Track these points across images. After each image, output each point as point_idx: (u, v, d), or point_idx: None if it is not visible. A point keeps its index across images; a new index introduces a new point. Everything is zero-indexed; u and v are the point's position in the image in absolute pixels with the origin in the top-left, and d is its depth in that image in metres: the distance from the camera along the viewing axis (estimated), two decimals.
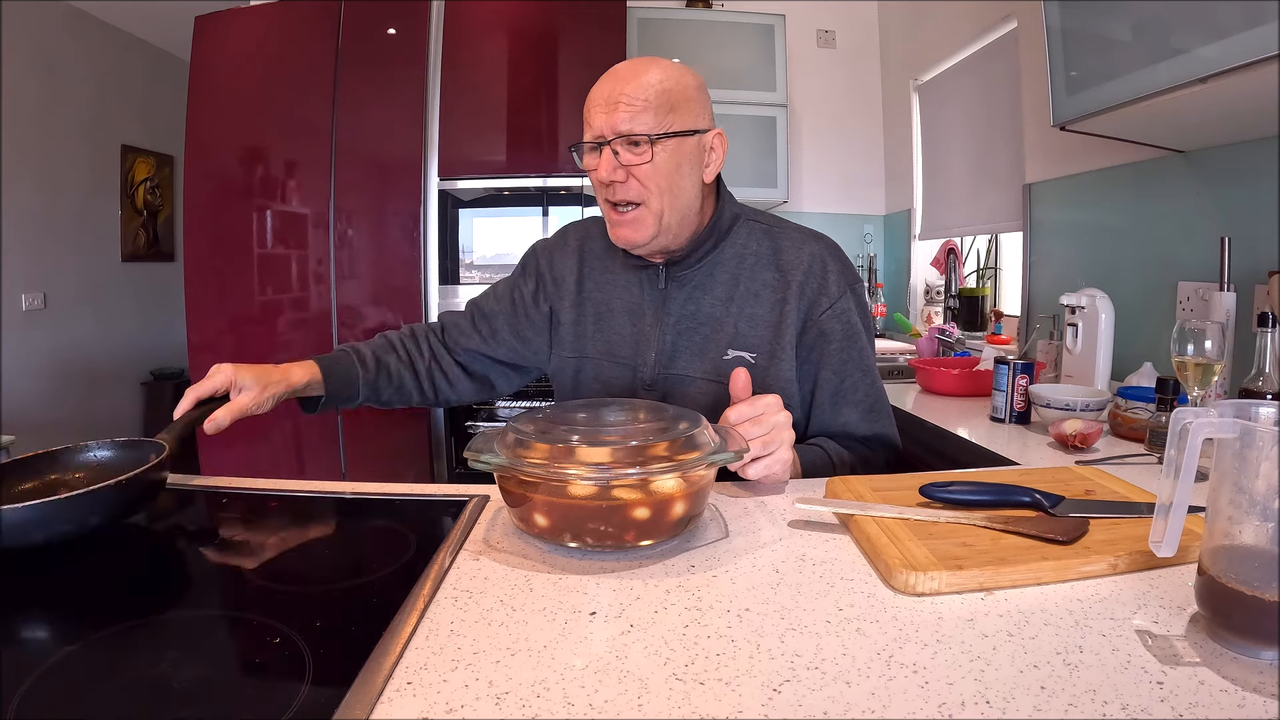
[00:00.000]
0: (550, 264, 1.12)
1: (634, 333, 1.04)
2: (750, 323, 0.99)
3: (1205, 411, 0.49)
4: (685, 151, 0.93)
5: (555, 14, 2.35)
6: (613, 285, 1.07)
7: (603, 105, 0.92)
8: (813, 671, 0.46)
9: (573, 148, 0.97)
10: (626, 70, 0.93)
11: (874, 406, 1.01)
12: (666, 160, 0.92)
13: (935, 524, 0.67)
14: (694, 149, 0.94)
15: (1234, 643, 0.48)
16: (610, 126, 0.91)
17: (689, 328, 1.01)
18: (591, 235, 1.12)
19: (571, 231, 1.15)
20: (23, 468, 0.75)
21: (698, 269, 1.01)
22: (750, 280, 1.00)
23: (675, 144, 0.92)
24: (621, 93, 0.90)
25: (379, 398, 1.08)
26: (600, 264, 1.09)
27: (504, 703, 0.43)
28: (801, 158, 3.13)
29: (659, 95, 0.90)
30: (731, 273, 1.01)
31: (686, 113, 0.93)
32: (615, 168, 0.91)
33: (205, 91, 2.33)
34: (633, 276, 1.05)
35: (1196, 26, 1.11)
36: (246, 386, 0.90)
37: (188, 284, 2.36)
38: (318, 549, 0.74)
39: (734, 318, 0.99)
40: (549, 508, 0.64)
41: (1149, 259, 1.68)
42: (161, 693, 0.45)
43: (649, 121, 0.90)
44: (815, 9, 3.09)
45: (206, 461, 2.37)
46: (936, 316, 2.79)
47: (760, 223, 1.04)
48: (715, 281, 1.01)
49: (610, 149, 0.91)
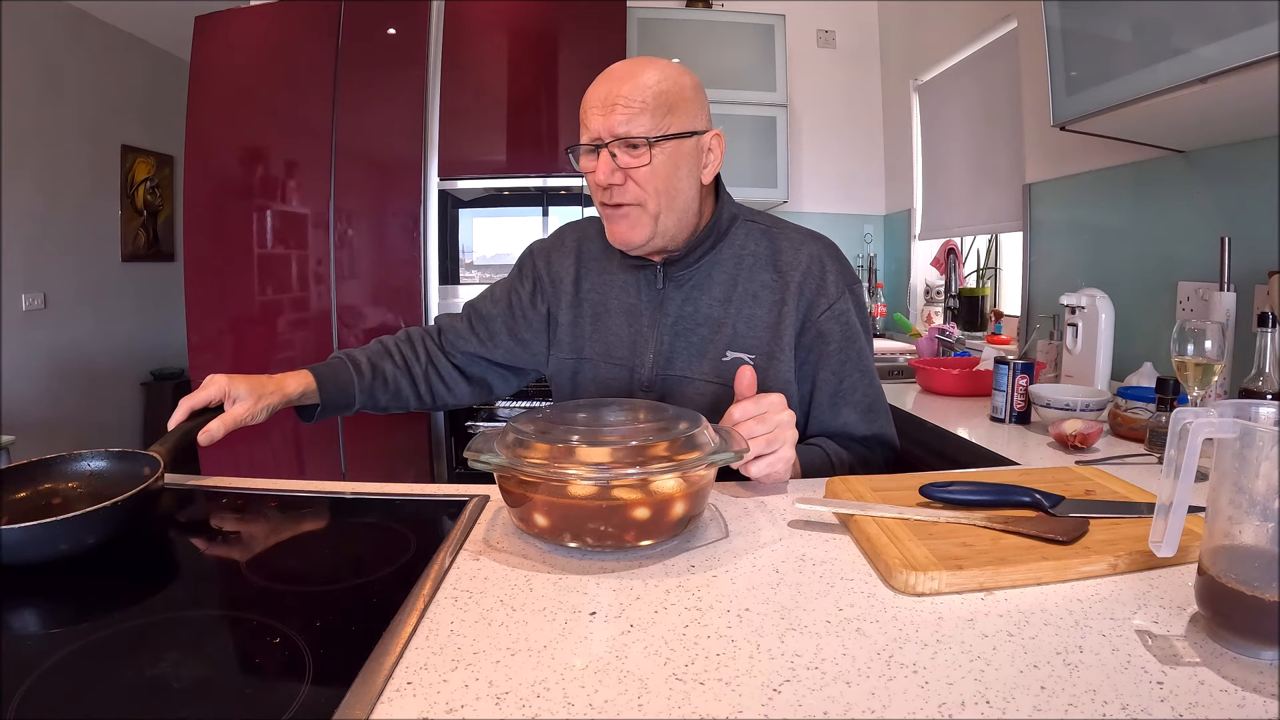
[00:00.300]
0: (548, 265, 1.11)
1: (631, 333, 1.03)
2: (749, 324, 0.98)
3: (1205, 411, 0.49)
4: (683, 153, 0.93)
5: (555, 14, 2.35)
6: (610, 286, 1.06)
7: (599, 107, 0.91)
8: (813, 671, 0.46)
9: (569, 149, 0.96)
10: (623, 71, 0.92)
11: (872, 407, 1.01)
12: (664, 162, 0.91)
13: (935, 524, 0.67)
14: (692, 150, 0.94)
15: (1234, 643, 0.48)
16: (607, 129, 0.90)
17: (687, 328, 1.00)
18: (589, 235, 1.11)
19: (568, 232, 1.14)
20: (15, 476, 0.75)
21: (696, 269, 1.01)
22: (748, 281, 0.99)
23: (673, 146, 0.91)
24: (618, 94, 0.89)
25: (376, 404, 1.08)
26: (597, 264, 1.08)
27: (504, 703, 0.43)
28: (801, 158, 3.13)
29: (656, 97, 0.89)
30: (730, 273, 1.00)
31: (684, 114, 0.92)
32: (613, 170, 0.91)
33: (205, 91, 2.33)
34: (630, 277, 1.05)
35: (1196, 26, 1.11)
36: (241, 397, 0.89)
37: (188, 284, 2.36)
38: (318, 549, 0.74)
39: (732, 319, 0.99)
40: (549, 508, 0.64)
41: (1149, 259, 1.68)
42: (161, 693, 0.45)
43: (646, 124, 0.89)
44: (815, 9, 3.09)
45: (206, 461, 2.36)
46: (936, 316, 2.79)
47: (758, 223, 1.03)
48: (713, 282, 1.00)
49: (608, 151, 0.91)
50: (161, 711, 0.44)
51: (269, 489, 0.86)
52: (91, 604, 0.59)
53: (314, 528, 0.79)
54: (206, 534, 0.78)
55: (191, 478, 0.90)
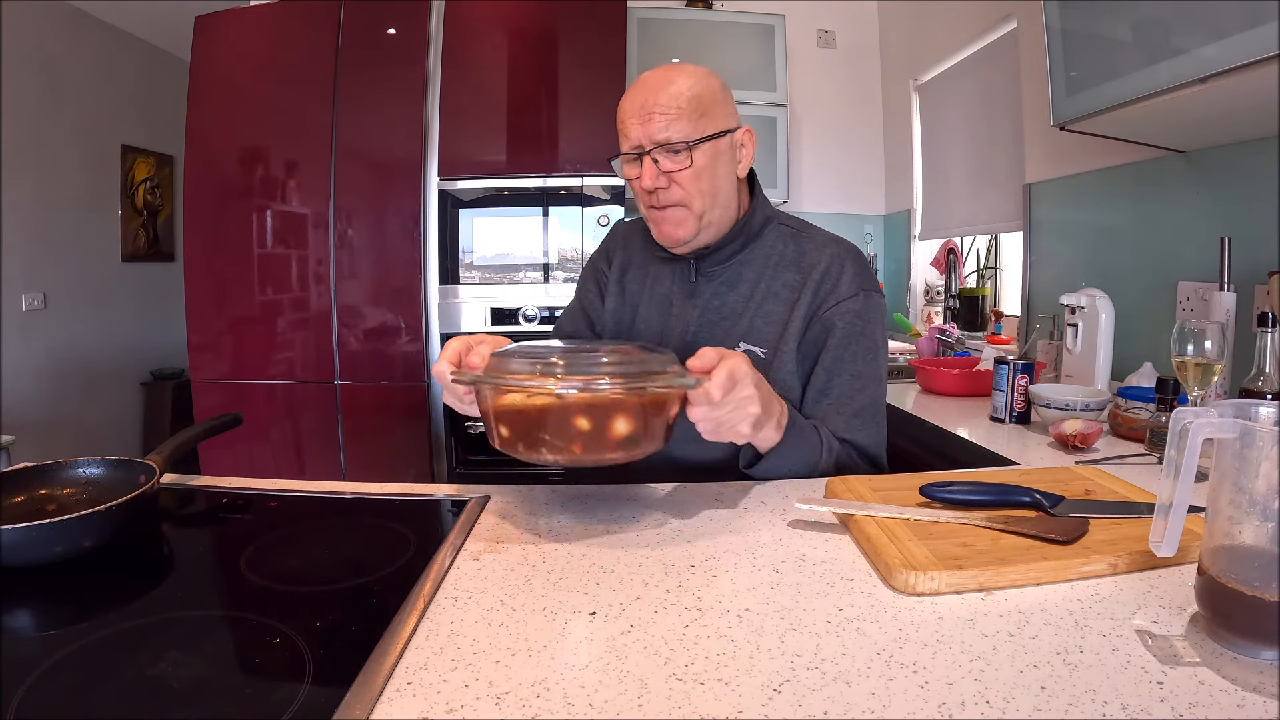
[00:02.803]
0: (607, 258, 1.20)
1: (661, 323, 1.09)
2: (766, 319, 1.01)
3: (1205, 411, 0.49)
4: (720, 152, 0.97)
5: (555, 14, 2.35)
6: (646, 278, 1.13)
7: (637, 116, 0.95)
8: (813, 671, 0.46)
9: (611, 160, 1.01)
10: (655, 80, 0.95)
11: (859, 413, 0.98)
12: (705, 163, 0.96)
13: (935, 524, 0.67)
14: (727, 148, 0.99)
15: (1234, 643, 0.48)
16: (648, 136, 0.94)
17: (711, 321, 1.04)
18: (634, 233, 1.19)
19: (619, 230, 1.23)
20: (12, 481, 0.75)
21: (727, 266, 1.05)
22: (772, 280, 1.03)
23: (710, 146, 0.96)
24: (655, 103, 0.93)
25: None
26: (639, 258, 1.15)
27: (504, 703, 0.43)
28: (801, 158, 3.13)
29: (690, 101, 0.94)
30: (758, 272, 1.04)
31: (718, 114, 0.96)
32: (658, 175, 0.95)
33: (205, 91, 2.33)
34: (664, 269, 1.10)
35: (1196, 26, 1.11)
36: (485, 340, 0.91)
37: (188, 284, 2.36)
38: (317, 549, 0.74)
39: (751, 313, 1.02)
40: (506, 416, 0.68)
41: (1149, 259, 1.68)
42: (161, 693, 0.45)
43: (684, 128, 0.93)
44: (815, 9, 3.09)
45: (206, 461, 2.37)
46: (936, 316, 2.79)
47: (790, 226, 1.07)
48: (741, 279, 1.04)
49: (650, 158, 0.95)
50: (161, 711, 0.44)
51: (269, 489, 0.86)
52: (91, 604, 0.59)
53: (314, 528, 0.79)
54: (206, 534, 0.78)
55: (191, 478, 0.90)
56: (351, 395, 2.35)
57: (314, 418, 2.37)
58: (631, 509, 0.78)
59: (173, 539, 0.76)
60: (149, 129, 4.01)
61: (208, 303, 2.36)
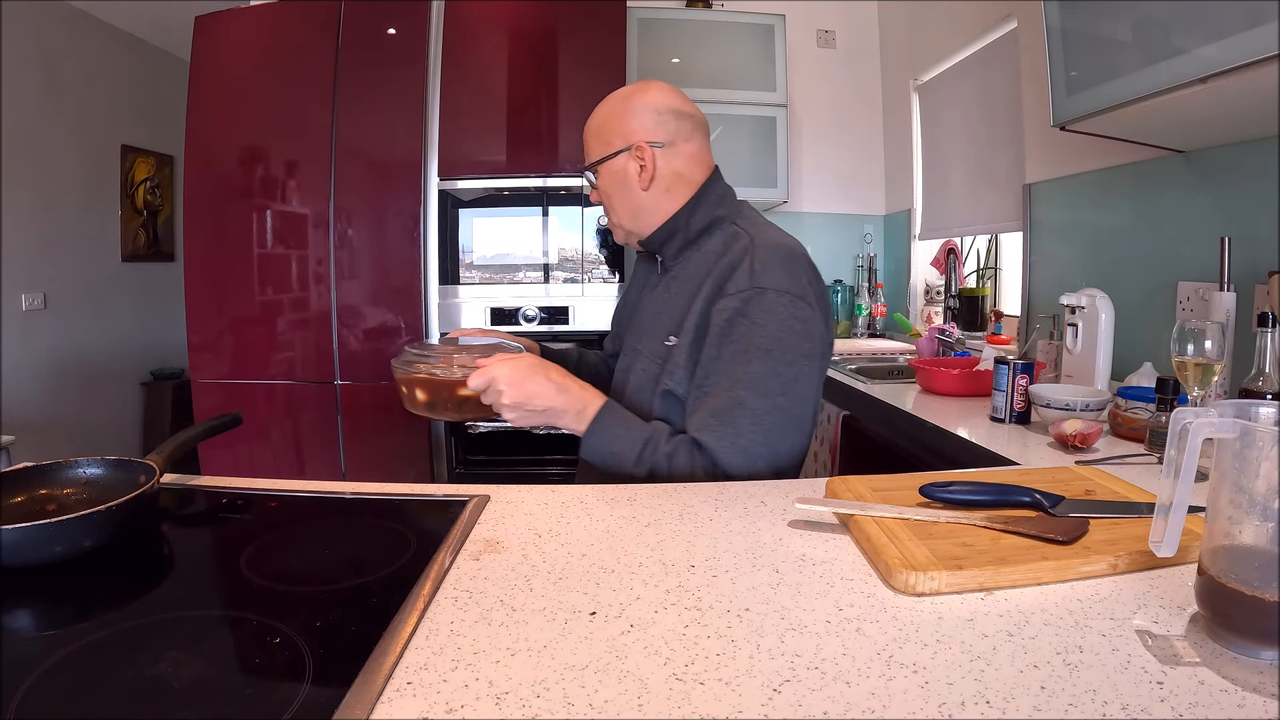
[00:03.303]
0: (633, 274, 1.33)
1: (632, 314, 1.21)
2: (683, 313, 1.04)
3: (1205, 411, 0.49)
4: (615, 171, 1.08)
5: (555, 14, 2.35)
6: (638, 274, 1.27)
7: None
8: (813, 671, 0.46)
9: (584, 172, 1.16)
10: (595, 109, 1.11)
11: (717, 413, 0.92)
12: (607, 183, 1.09)
13: (935, 524, 0.67)
14: (621, 167, 1.07)
15: (1234, 643, 0.48)
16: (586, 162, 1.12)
17: (656, 311, 1.11)
18: None
19: None
20: (11, 481, 0.75)
21: (678, 262, 1.11)
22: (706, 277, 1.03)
23: (604, 169, 1.09)
24: (585, 131, 1.11)
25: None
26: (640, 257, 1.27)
27: (504, 703, 0.43)
28: (801, 158, 3.13)
29: (595, 130, 1.09)
30: (706, 268, 1.03)
31: (612, 138, 1.07)
32: (594, 193, 1.13)
33: (205, 91, 2.33)
34: (650, 265, 1.21)
35: (1196, 26, 1.11)
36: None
37: (188, 284, 2.36)
38: (318, 549, 0.74)
39: (683, 306, 1.04)
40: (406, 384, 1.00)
41: (1149, 259, 1.68)
42: (161, 693, 0.45)
43: (592, 156, 1.10)
44: (815, 9, 3.09)
45: (206, 461, 2.37)
46: (936, 316, 2.79)
47: (741, 228, 1.03)
48: (688, 275, 1.07)
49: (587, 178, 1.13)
50: (161, 711, 0.44)
51: (269, 489, 0.86)
52: (91, 604, 0.59)
53: (314, 528, 0.79)
54: (206, 534, 0.78)
55: (191, 478, 0.90)
56: (351, 395, 2.35)
57: (314, 418, 2.37)
58: (631, 509, 0.78)
59: (173, 539, 0.76)
60: (149, 129, 4.01)
61: (208, 303, 2.36)
